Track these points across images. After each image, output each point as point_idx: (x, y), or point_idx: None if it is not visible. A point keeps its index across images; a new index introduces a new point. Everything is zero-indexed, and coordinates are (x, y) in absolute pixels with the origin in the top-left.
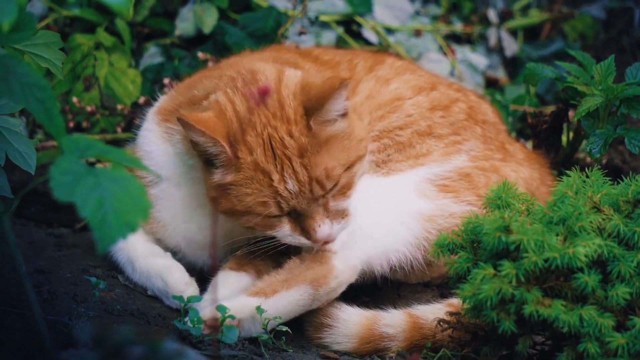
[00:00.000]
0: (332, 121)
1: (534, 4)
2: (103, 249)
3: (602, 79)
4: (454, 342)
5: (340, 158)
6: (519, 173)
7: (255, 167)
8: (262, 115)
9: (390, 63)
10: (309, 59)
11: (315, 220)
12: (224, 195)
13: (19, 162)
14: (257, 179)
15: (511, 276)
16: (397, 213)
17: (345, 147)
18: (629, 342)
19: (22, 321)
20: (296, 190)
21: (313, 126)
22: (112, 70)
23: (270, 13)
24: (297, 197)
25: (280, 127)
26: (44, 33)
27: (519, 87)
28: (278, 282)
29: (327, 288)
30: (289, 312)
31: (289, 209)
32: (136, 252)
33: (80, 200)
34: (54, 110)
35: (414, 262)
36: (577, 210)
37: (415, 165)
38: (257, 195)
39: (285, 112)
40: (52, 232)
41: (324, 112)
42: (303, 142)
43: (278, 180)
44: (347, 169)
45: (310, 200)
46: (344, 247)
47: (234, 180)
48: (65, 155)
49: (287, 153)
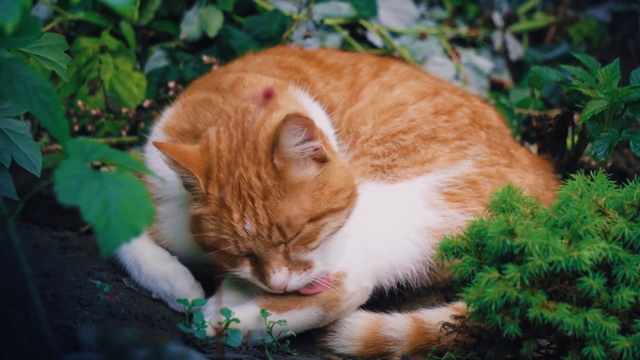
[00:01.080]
0: (301, 164)
1: (539, 7)
2: (107, 253)
3: (607, 82)
4: (458, 346)
5: (305, 208)
6: (524, 180)
7: (221, 203)
8: (240, 155)
9: (395, 69)
10: (313, 62)
11: (272, 267)
12: (197, 226)
13: (24, 164)
14: (220, 216)
15: (516, 279)
16: (406, 228)
17: (315, 197)
18: (633, 346)
19: (27, 324)
20: (254, 232)
21: (278, 165)
22: (117, 73)
23: (275, 16)
24: (255, 240)
25: (251, 168)
26: (49, 35)
27: (524, 91)
28: (291, 299)
29: (337, 310)
30: (296, 329)
31: (247, 250)
32: (143, 255)
33: (85, 204)
34: (58, 113)
35: (420, 277)
36: (582, 214)
37: (422, 172)
38: (219, 232)
39: (257, 153)
40: (57, 235)
41: (279, 147)
42: (268, 185)
43: (237, 219)
44: (312, 220)
45: (268, 246)
46: (356, 267)
47: (203, 213)
48: (70, 159)
49: (251, 194)
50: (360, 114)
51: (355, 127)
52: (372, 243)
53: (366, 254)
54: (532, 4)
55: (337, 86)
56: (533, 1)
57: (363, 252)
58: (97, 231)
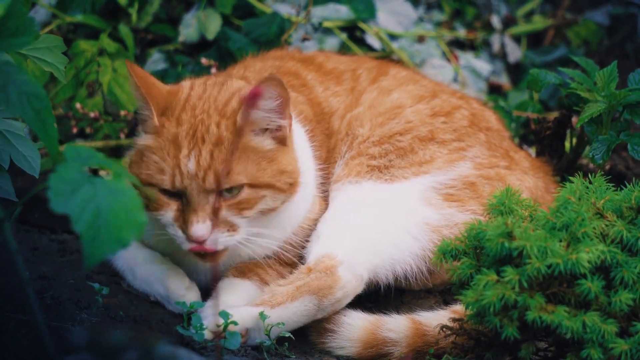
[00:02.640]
0: (258, 134)
1: (538, 10)
2: (91, 265)
3: (605, 84)
4: (456, 348)
5: (249, 171)
6: (524, 182)
7: (173, 139)
8: (208, 104)
9: (393, 74)
10: (312, 67)
11: (197, 214)
12: (138, 161)
13: (23, 165)
14: (167, 149)
15: (514, 282)
16: (405, 222)
17: (261, 166)
18: (632, 349)
19: (26, 327)
20: (192, 171)
21: (239, 123)
22: (115, 76)
23: (273, 19)
24: (191, 180)
25: (214, 117)
26: (46, 37)
27: (523, 93)
28: (282, 293)
29: (332, 299)
30: (294, 323)
31: (180, 187)
32: (136, 259)
33: (75, 214)
34: (50, 121)
35: (418, 273)
36: (580, 216)
37: (420, 173)
38: (160, 164)
39: (225, 108)
40: (55, 238)
41: (249, 105)
42: (223, 136)
43: (184, 155)
44: (252, 187)
45: (201, 190)
46: (351, 256)
47: (150, 146)
48: (66, 163)
49: (205, 137)
50: (359, 118)
51: (353, 130)
52: (369, 233)
53: (362, 243)
54: (531, 6)
55: (337, 91)
56: (531, 4)
57: (358, 241)
58: (84, 242)
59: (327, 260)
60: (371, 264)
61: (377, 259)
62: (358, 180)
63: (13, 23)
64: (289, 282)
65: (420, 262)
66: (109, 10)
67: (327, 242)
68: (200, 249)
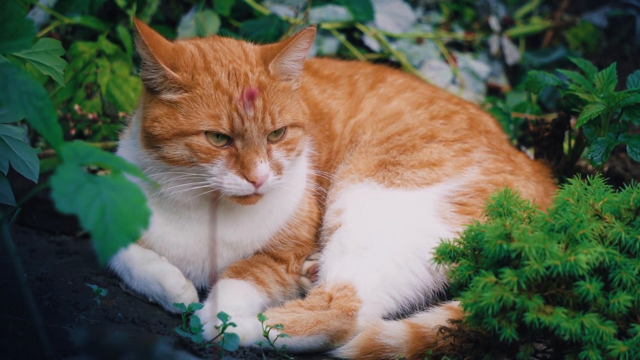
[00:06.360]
0: (287, 76)
1: (536, 11)
2: (105, 260)
3: (603, 86)
4: (455, 350)
5: (291, 109)
6: (527, 189)
7: (216, 86)
8: (228, 54)
9: (391, 81)
10: (309, 72)
11: (259, 155)
12: (169, 115)
13: (21, 170)
14: (215, 96)
15: (512, 284)
16: (424, 250)
17: (295, 106)
18: (630, 350)
19: (24, 329)
20: (251, 114)
21: (270, 70)
22: (113, 77)
23: (272, 21)
24: (251, 122)
25: (244, 65)
26: (45, 40)
27: (521, 95)
28: (302, 324)
29: (342, 342)
30: (300, 350)
31: (240, 130)
32: (132, 260)
33: (82, 212)
34: (52, 119)
35: (424, 302)
36: (579, 218)
37: (432, 181)
38: (212, 109)
39: (248, 57)
40: (53, 240)
41: (283, 54)
42: (263, 80)
43: (239, 99)
44: (293, 126)
45: (260, 132)
46: (370, 296)
47: (183, 98)
48: (65, 164)
49: (249, 83)
50: (362, 125)
51: (357, 137)
52: (390, 266)
53: (383, 285)
54: (529, 8)
55: (335, 94)
56: (530, 5)
57: (380, 280)
58: (95, 239)
59: (348, 293)
60: (387, 307)
61: (393, 304)
62: (367, 177)
63: (11, 25)
64: (309, 305)
65: (430, 291)
66: (107, 12)
67: (350, 267)
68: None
